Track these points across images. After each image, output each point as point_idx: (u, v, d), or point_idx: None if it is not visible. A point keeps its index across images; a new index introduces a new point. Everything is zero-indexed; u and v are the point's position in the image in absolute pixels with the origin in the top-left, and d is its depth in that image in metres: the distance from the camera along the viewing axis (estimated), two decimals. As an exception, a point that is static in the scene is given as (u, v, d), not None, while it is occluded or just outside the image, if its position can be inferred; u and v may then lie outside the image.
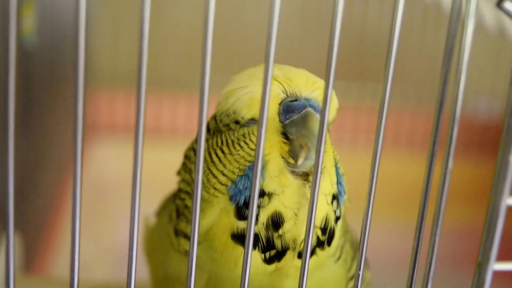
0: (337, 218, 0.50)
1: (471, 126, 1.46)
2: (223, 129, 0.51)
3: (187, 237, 0.52)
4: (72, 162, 0.42)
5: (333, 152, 0.51)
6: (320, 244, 0.50)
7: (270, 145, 0.48)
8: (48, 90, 1.03)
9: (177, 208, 0.54)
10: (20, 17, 0.80)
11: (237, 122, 0.50)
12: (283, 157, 0.48)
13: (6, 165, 0.42)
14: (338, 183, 0.50)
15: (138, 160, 0.41)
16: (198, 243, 0.48)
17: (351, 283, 0.55)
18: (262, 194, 0.48)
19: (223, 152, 0.51)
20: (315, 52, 1.44)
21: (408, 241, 0.46)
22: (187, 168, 0.54)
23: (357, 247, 0.58)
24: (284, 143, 0.48)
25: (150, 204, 0.61)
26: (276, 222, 0.48)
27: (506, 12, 0.36)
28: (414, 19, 1.40)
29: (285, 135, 0.49)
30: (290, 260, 0.50)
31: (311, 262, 0.48)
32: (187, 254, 0.46)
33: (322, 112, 0.41)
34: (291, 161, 0.48)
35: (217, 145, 0.51)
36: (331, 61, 0.40)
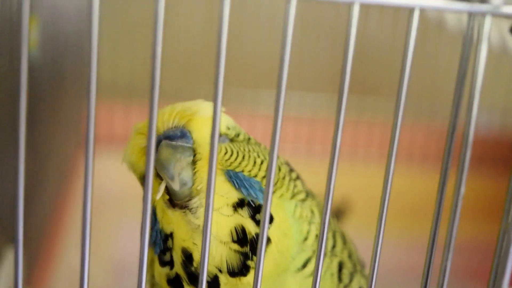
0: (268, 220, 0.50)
1: (483, 141, 1.47)
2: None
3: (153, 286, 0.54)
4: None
5: (228, 159, 0.51)
6: (246, 257, 0.49)
7: (154, 192, 0.49)
8: (51, 103, 1.03)
9: None
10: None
11: (141, 177, 0.52)
12: (162, 198, 0.49)
13: (16, 180, 0.42)
14: (241, 187, 0.50)
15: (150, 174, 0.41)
16: None
17: None
18: (166, 237, 0.50)
19: None
20: (315, 61, 1.45)
21: (418, 255, 0.46)
22: None
23: (357, 262, 0.58)
24: (157, 182, 0.49)
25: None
26: (187, 256, 0.49)
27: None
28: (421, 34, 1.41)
29: (159, 177, 0.49)
30: (230, 282, 0.49)
31: (249, 277, 0.49)
32: None
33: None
34: (165, 197, 0.49)
35: None
36: (344, 77, 0.40)
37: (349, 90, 0.39)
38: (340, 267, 0.55)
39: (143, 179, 0.51)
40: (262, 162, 0.52)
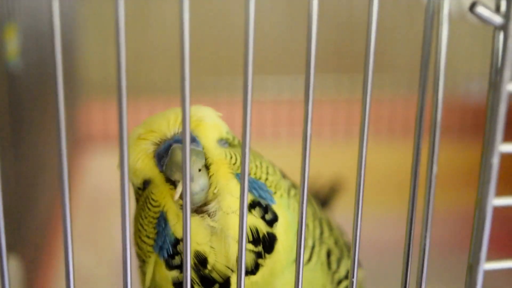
0: (272, 221, 0.51)
1: (464, 109, 1.47)
2: (137, 197, 0.54)
3: None
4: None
5: (235, 163, 0.52)
6: (259, 255, 0.51)
7: (163, 197, 0.51)
8: (37, 111, 1.03)
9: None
10: (4, 40, 0.80)
11: (139, 188, 0.53)
12: (176, 203, 0.50)
13: None
14: (253, 189, 0.51)
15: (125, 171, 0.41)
16: None
17: (341, 286, 0.56)
18: (177, 242, 0.50)
19: (142, 218, 0.53)
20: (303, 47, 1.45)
21: (403, 230, 0.46)
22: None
23: (344, 247, 0.59)
24: (171, 189, 0.50)
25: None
26: (200, 260, 0.50)
27: (479, 16, 0.37)
28: (401, 6, 1.41)
29: (170, 182, 0.50)
30: (234, 283, 0.50)
31: (263, 274, 0.51)
32: None
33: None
34: (181, 202, 0.49)
35: (138, 214, 0.54)
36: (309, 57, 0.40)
37: (339, 69, 0.40)
38: (329, 254, 0.56)
39: (142, 186, 0.52)
40: (260, 164, 0.54)
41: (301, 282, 0.44)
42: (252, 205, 0.51)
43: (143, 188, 0.53)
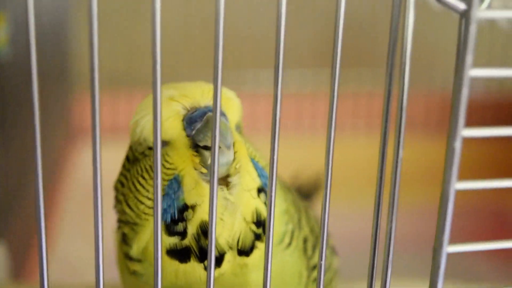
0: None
1: (443, 105, 1.48)
2: (139, 157, 0.54)
3: (133, 259, 0.55)
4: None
5: (248, 148, 0.53)
6: (257, 237, 0.52)
7: (183, 161, 0.51)
8: (26, 100, 1.04)
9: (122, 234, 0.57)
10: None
11: (150, 148, 0.53)
12: (196, 169, 0.50)
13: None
14: (261, 176, 0.52)
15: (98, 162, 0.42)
16: (140, 262, 0.51)
17: (315, 272, 0.57)
18: (185, 208, 0.50)
19: (144, 178, 0.53)
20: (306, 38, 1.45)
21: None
22: (117, 199, 0.56)
23: (319, 235, 0.60)
24: (195, 155, 0.50)
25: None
26: (205, 231, 0.50)
27: (444, 3, 0.37)
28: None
29: (195, 148, 0.51)
30: (232, 261, 0.51)
31: (255, 256, 0.51)
32: (136, 274, 0.53)
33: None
34: (204, 170, 0.50)
35: (137, 173, 0.53)
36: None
37: (329, 63, 0.40)
38: (305, 240, 0.57)
39: (151, 149, 0.52)
40: (260, 156, 0.55)
41: (269, 266, 0.44)
42: (260, 190, 0.52)
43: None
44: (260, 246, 0.52)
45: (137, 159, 0.54)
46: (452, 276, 0.56)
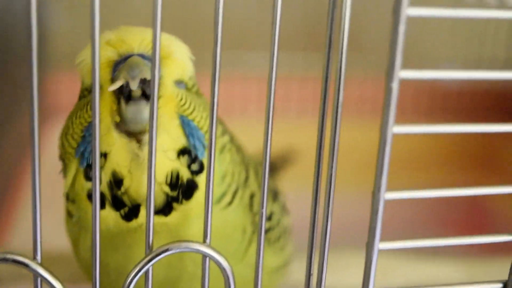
0: (199, 171, 0.52)
1: (433, 93, 1.48)
2: (85, 93, 0.56)
3: (68, 199, 0.57)
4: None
5: (187, 107, 0.53)
6: (174, 199, 0.52)
7: (103, 106, 0.51)
8: (2, 76, 1.04)
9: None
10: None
11: (87, 90, 0.55)
12: (111, 117, 0.51)
13: None
14: (189, 136, 0.52)
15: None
16: (72, 202, 0.53)
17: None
18: (101, 155, 0.51)
19: (75, 117, 0.55)
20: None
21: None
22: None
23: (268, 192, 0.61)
24: (113, 102, 0.51)
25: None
26: (116, 180, 0.52)
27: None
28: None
29: (117, 96, 0.51)
30: (143, 216, 0.52)
31: (175, 217, 0.52)
32: (71, 215, 0.54)
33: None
34: (117, 119, 0.51)
35: (74, 113, 0.55)
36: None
37: (297, 47, 0.42)
38: (251, 196, 0.59)
39: (88, 91, 0.53)
40: (207, 117, 0.54)
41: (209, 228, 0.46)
42: (182, 152, 0.52)
43: (89, 92, 0.54)
44: (182, 208, 0.52)
45: (84, 95, 0.56)
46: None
